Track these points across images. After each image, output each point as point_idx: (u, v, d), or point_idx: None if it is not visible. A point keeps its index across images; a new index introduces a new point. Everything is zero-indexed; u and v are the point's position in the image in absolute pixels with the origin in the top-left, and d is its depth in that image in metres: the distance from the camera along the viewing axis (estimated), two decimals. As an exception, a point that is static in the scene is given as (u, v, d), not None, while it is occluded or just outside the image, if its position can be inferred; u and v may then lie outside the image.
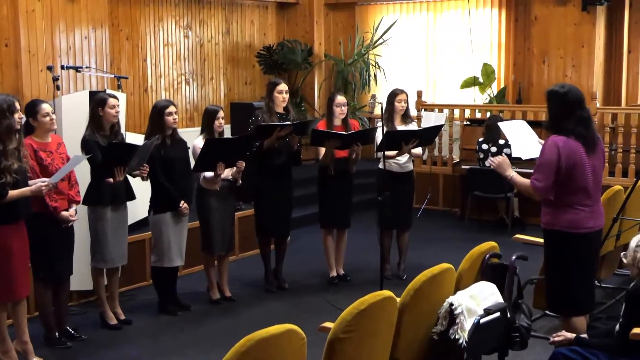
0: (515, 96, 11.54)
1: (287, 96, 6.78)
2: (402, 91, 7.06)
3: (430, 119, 9.98)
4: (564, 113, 4.58)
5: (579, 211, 4.59)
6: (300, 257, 8.06)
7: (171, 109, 6.13)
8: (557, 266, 4.69)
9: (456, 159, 10.26)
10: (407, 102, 7.03)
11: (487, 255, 4.45)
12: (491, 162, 4.91)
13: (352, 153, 6.85)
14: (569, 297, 4.68)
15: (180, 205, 6.15)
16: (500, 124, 5.48)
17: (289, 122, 6.62)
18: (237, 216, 7.67)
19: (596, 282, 6.09)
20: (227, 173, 6.40)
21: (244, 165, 6.38)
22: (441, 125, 7.24)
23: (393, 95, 7.03)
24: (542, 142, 5.11)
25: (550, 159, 4.53)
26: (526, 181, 4.69)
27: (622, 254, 4.21)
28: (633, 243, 4.07)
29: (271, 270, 7.10)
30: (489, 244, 4.56)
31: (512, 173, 4.81)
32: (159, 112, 6.11)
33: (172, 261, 6.28)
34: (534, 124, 9.34)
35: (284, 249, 7.10)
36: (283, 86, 6.78)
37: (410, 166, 7.17)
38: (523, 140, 5.24)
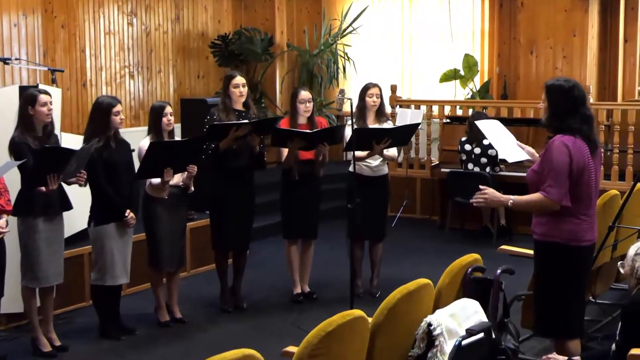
0: (500, 91, 11.65)
1: (245, 90, 6.78)
2: (374, 85, 7.09)
3: (406, 117, 10.01)
4: (569, 110, 4.59)
5: (581, 221, 4.62)
6: (261, 272, 8.05)
7: (118, 107, 6.09)
8: (552, 284, 4.70)
9: (435, 161, 10.32)
10: (380, 97, 7.06)
11: (470, 269, 4.47)
12: (477, 200, 4.75)
13: (318, 154, 6.86)
14: (563, 318, 4.70)
15: (126, 215, 6.10)
16: (478, 123, 5.51)
17: (246, 121, 6.61)
18: (189, 227, 7.64)
19: (591, 297, 6.17)
20: (177, 179, 6.37)
21: (195, 170, 6.36)
22: (417, 124, 7.27)
23: (364, 90, 7.06)
24: (522, 144, 5.15)
25: (562, 162, 4.51)
26: (534, 197, 4.61)
27: (619, 263, 4.26)
28: (632, 251, 4.12)
29: (228, 287, 7.07)
30: (472, 256, 4.58)
31: (509, 198, 4.70)
32: (104, 111, 6.06)
33: (115, 279, 6.23)
34: (520, 122, 9.58)
35: (243, 263, 7.08)
36: (239, 79, 6.78)
37: (384, 169, 7.20)
38: (505, 141, 5.27)
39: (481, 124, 5.45)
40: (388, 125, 7.12)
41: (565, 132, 4.57)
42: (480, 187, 4.80)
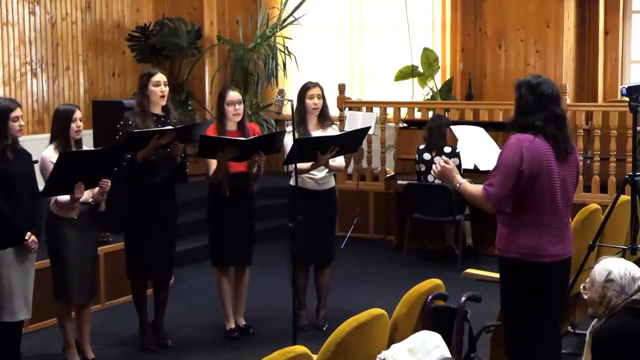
0: (465, 90, 11.77)
1: (166, 90, 6.75)
2: (314, 84, 7.10)
3: (357, 121, 10.07)
4: (534, 107, 4.69)
5: (543, 234, 4.71)
6: (188, 304, 8.02)
7: (17, 111, 6.02)
8: (516, 308, 4.78)
9: (390, 172, 10.38)
10: (322, 99, 7.07)
11: (430, 297, 4.49)
12: (434, 170, 4.99)
13: (252, 166, 6.84)
14: (528, 345, 4.76)
15: (26, 238, 6.02)
16: (454, 128, 5.58)
17: (169, 127, 6.57)
18: (102, 252, 7.59)
19: (570, 328, 6.24)
20: (87, 195, 6.31)
21: (109, 184, 6.30)
22: (367, 129, 7.30)
23: (303, 91, 7.07)
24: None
25: (510, 161, 4.64)
26: (477, 188, 4.80)
27: (582, 286, 4.28)
28: (600, 276, 4.10)
29: (149, 322, 7.03)
30: (433, 282, 4.61)
31: (460, 180, 4.89)
32: (0, 117, 5.98)
33: (14, 314, 6.14)
34: (488, 126, 9.65)
35: (165, 294, 7.04)
36: (160, 77, 6.75)
37: (331, 182, 7.21)
38: (481, 149, 5.36)
39: (458, 130, 5.53)
40: (333, 130, 7.13)
41: (526, 131, 4.67)
42: (444, 158, 4.95)
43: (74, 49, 11.21)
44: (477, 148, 5.36)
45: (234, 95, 6.91)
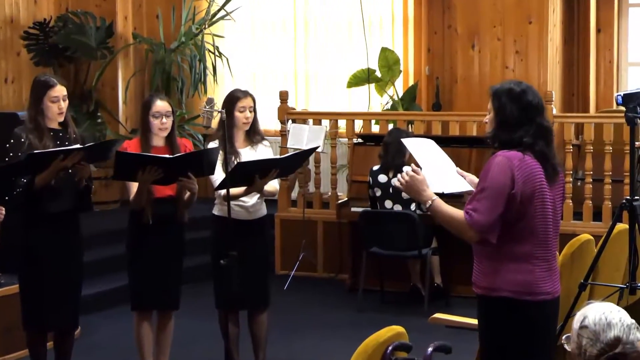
0: (432, 98, 11.82)
1: (65, 105, 6.67)
2: (245, 94, 7.08)
3: (302, 136, 10.05)
4: (520, 120, 4.72)
5: (535, 268, 4.73)
6: (99, 358, 7.96)
7: None
8: (497, 355, 4.78)
9: (343, 197, 10.39)
10: (254, 112, 7.07)
11: (391, 347, 4.49)
12: (399, 181, 4.96)
13: (182, 190, 6.81)
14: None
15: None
16: (404, 141, 5.58)
17: (78, 146, 6.52)
18: (-7, 296, 7.51)
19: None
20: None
21: (3, 213, 6.26)
22: (315, 148, 7.29)
23: (232, 101, 7.00)
24: (462, 172, 5.24)
25: (499, 183, 4.63)
26: (456, 212, 4.77)
27: (564, 337, 4.31)
28: (576, 323, 4.15)
29: (49, 382, 6.95)
30: (394, 330, 4.60)
31: (432, 196, 4.85)
32: None
33: None
34: (459, 141, 9.72)
35: (69, 347, 6.97)
36: (59, 90, 6.62)
37: (263, 210, 7.17)
38: (439, 167, 5.35)
39: (409, 143, 5.52)
40: (264, 147, 7.11)
41: (513, 148, 4.70)
42: (411, 168, 4.92)
43: (-43, 50, 11.16)
44: (438, 167, 5.34)
45: (161, 105, 6.85)
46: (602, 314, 3.93)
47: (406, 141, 5.60)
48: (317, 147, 7.40)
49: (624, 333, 3.73)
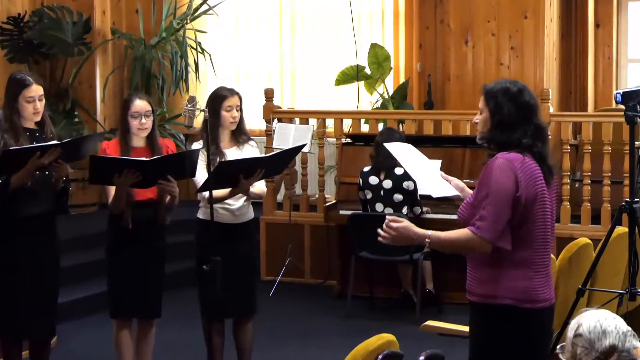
0: (423, 96, 11.83)
1: (41, 105, 6.66)
2: (232, 92, 7.07)
3: (288, 135, 10.06)
4: (517, 120, 4.73)
5: (535, 274, 4.74)
6: (76, 369, 7.94)
7: None
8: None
9: (331, 199, 10.39)
10: (241, 111, 7.07)
11: (381, 356, 4.49)
12: (384, 236, 4.82)
13: (163, 193, 6.80)
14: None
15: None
16: (388, 145, 5.58)
17: (55, 142, 6.50)
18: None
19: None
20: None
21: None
22: (302, 146, 7.30)
23: (219, 100, 6.99)
24: (446, 176, 5.22)
25: (503, 188, 4.63)
26: (460, 234, 4.74)
27: (558, 347, 4.33)
28: (571, 331, 4.16)
29: (24, 393, 6.95)
30: (384, 338, 4.60)
31: (426, 232, 4.80)
32: None
33: None
34: (452, 141, 9.73)
35: (46, 355, 6.96)
36: (35, 90, 6.61)
37: (249, 213, 7.17)
38: (425, 171, 5.35)
39: (393, 148, 5.52)
40: (250, 147, 7.11)
41: (511, 149, 4.70)
42: (389, 218, 4.80)
43: None
44: (423, 171, 5.33)
45: (140, 105, 6.83)
46: (597, 322, 3.92)
47: (389, 146, 5.59)
48: (304, 145, 7.37)
49: (620, 341, 3.73)
